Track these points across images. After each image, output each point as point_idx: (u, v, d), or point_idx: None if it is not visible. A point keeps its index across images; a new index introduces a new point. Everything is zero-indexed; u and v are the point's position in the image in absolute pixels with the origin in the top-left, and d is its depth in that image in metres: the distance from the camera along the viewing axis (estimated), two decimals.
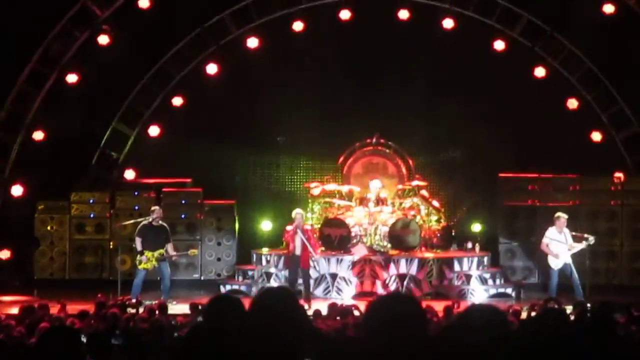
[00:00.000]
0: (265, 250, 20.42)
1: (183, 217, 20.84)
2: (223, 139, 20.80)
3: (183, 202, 20.97)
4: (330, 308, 13.73)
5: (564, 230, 17.68)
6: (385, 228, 19.67)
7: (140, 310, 13.85)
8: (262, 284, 19.03)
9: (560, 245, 17.55)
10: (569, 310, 12.64)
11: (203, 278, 20.79)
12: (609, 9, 20.48)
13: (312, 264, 18.36)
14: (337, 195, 20.77)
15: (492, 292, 19.34)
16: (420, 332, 4.57)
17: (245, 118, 21.13)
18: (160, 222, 18.00)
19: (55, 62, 20.80)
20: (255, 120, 21.13)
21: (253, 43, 21.46)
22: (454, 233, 20.97)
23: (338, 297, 18.55)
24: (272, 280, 19.37)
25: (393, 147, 21.78)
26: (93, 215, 20.89)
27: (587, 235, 17.70)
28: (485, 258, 20.13)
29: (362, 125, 21.27)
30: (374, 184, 20.41)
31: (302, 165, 22.09)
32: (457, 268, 19.45)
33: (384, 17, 21.18)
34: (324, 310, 13.70)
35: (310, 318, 11.95)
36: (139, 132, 21.65)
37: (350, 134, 21.57)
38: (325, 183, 20.91)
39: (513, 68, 20.89)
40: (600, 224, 20.23)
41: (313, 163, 21.98)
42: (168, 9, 20.59)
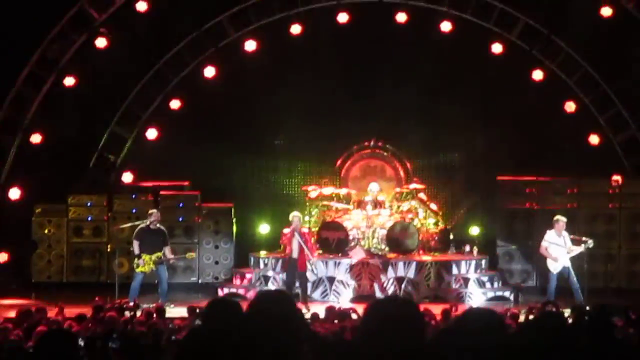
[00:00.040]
0: (263, 254, 20.40)
1: (181, 220, 20.82)
2: (221, 142, 20.79)
3: (181, 205, 20.95)
4: (328, 311, 13.72)
5: (563, 234, 17.67)
6: (383, 231, 19.66)
7: (138, 314, 13.84)
8: (259, 287, 19.01)
9: (559, 249, 17.54)
10: (567, 314, 12.64)
11: (201, 281, 20.76)
12: (607, 12, 20.48)
13: (309, 267, 18.36)
14: (334, 198, 20.75)
15: (490, 295, 19.33)
16: (418, 335, 4.57)
17: (243, 121, 21.12)
18: (158, 225, 18.00)
19: (53, 65, 20.78)
20: (253, 123, 21.12)
21: (251, 46, 21.44)
22: (452, 236, 20.95)
23: (336, 300, 18.52)
24: (269, 284, 19.34)
25: (391, 150, 21.78)
26: (91, 219, 20.89)
27: (585, 239, 17.71)
28: (483, 261, 20.13)
29: (360, 128, 21.28)
30: (372, 187, 20.40)
31: (299, 168, 22.05)
32: (455, 271, 19.43)
33: (382, 20, 21.17)
34: (322, 314, 13.69)
35: (308, 321, 11.93)
36: (137, 135, 21.63)
37: (348, 137, 21.57)
38: (323, 186, 20.90)
39: (511, 71, 20.89)
40: (598, 227, 20.21)
41: (311, 166, 21.93)
42: (166, 12, 20.57)
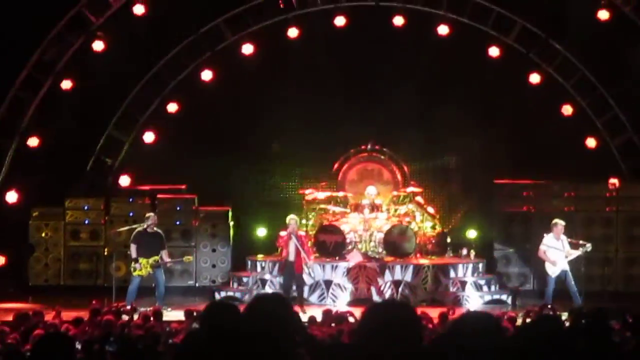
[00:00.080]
0: (260, 257, 20.39)
1: (178, 223, 20.81)
2: (218, 145, 20.76)
3: (178, 208, 20.93)
4: (325, 314, 13.72)
5: (562, 237, 17.65)
6: (380, 234, 19.65)
7: (135, 317, 13.82)
8: (256, 291, 18.99)
9: (558, 253, 17.52)
10: (565, 317, 12.64)
11: (198, 285, 20.74)
12: (604, 16, 20.48)
13: (305, 270, 18.35)
14: (332, 202, 20.75)
15: (487, 298, 19.32)
16: (415, 338, 4.56)
17: (240, 124, 21.10)
18: (155, 228, 17.98)
19: (50, 68, 20.77)
20: (250, 126, 21.10)
21: (248, 49, 21.43)
22: (449, 239, 20.93)
23: (333, 303, 18.53)
24: (267, 287, 19.32)
25: (388, 153, 21.78)
26: (88, 222, 20.87)
27: (583, 242, 17.71)
28: (481, 264, 20.12)
29: (357, 131, 21.24)
30: (369, 190, 20.39)
31: (296, 172, 22.01)
32: (452, 274, 19.42)
33: (379, 23, 21.17)
34: (319, 317, 13.67)
35: (305, 324, 11.92)
36: (134, 138, 21.61)
37: (346, 140, 21.56)
38: (320, 189, 20.89)
39: (508, 74, 20.89)
40: (596, 230, 20.22)
41: (308, 169, 21.88)
42: (163, 15, 20.55)
